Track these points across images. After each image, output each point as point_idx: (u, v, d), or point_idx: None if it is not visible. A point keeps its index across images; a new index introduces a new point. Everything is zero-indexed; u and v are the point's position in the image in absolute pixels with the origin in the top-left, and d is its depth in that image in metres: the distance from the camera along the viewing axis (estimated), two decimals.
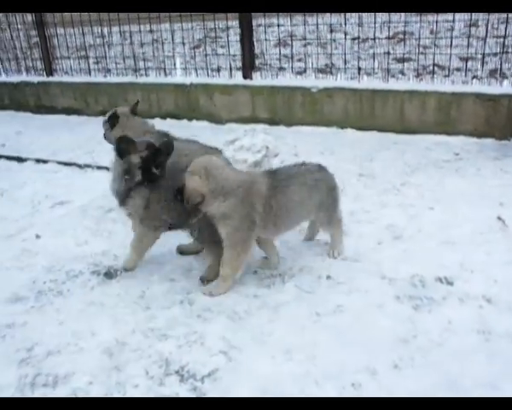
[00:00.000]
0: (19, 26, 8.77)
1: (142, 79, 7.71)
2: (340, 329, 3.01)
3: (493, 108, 5.78)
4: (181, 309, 3.30)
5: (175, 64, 7.70)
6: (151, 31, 7.84)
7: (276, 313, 3.20)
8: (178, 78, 7.57)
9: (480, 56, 6.21)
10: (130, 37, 7.90)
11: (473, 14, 6.08)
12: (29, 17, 8.49)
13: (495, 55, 6.46)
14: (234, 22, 7.38)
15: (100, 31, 8.21)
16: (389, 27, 6.45)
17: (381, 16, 6.47)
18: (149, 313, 3.30)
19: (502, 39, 5.91)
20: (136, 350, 2.97)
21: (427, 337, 2.91)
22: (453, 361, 2.73)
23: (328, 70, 6.97)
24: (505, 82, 5.99)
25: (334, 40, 6.94)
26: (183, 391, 2.66)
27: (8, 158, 6.41)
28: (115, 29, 8.20)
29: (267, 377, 2.70)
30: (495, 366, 2.69)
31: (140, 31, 7.83)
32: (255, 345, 2.95)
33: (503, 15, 5.90)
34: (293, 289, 3.42)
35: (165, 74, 7.65)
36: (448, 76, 6.23)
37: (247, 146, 4.62)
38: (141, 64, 7.90)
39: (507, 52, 6.06)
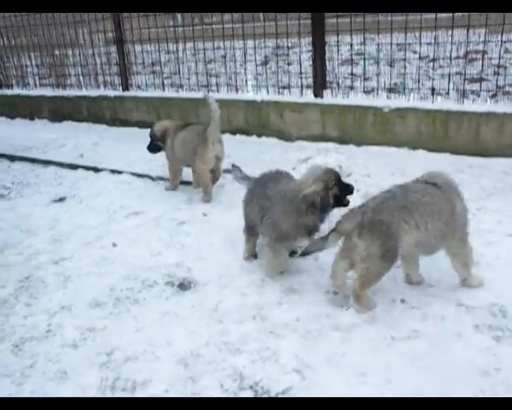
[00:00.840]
0: (100, 43, 9.21)
1: (213, 95, 7.88)
2: (415, 355, 2.96)
3: None
4: (253, 324, 3.34)
5: (246, 81, 7.83)
6: (224, 48, 8.01)
7: (349, 335, 3.18)
8: (249, 94, 7.70)
9: None
10: (204, 53, 8.11)
11: None
12: (110, 34, 8.89)
13: None
14: (305, 39, 7.45)
15: (175, 47, 8.47)
16: (459, 47, 6.29)
17: (458, 36, 6.34)
18: (222, 326, 3.36)
19: None
20: (211, 363, 3.03)
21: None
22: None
23: (398, 90, 6.89)
24: None
25: (405, 59, 6.86)
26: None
27: (86, 168, 6.71)
28: (189, 45, 8.45)
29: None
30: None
31: (214, 48, 8.01)
32: (329, 365, 2.95)
33: None
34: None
35: (236, 91, 7.80)
36: None
37: (320, 165, 4.63)
38: (212, 80, 8.09)
39: None
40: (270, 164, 5.88)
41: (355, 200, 4.45)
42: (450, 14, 6.05)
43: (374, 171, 5.44)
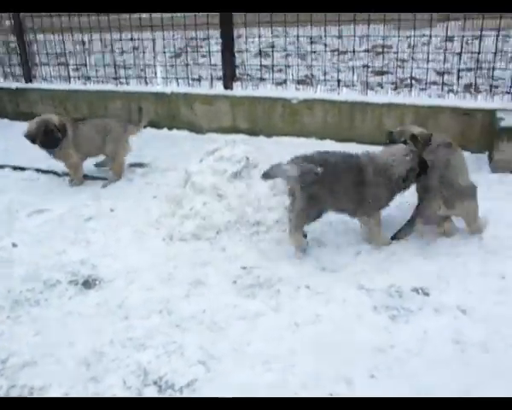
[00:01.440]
0: None
1: (122, 88, 7.67)
2: (318, 338, 3.05)
3: (468, 122, 5.89)
4: (160, 319, 3.31)
5: (156, 73, 7.69)
6: (132, 39, 7.80)
7: (256, 323, 3.22)
8: (159, 86, 7.56)
9: (455, 71, 6.35)
10: (112, 44, 7.86)
11: (448, 30, 6.22)
12: (7, 22, 8.40)
13: (469, 70, 6.61)
14: (215, 32, 7.42)
15: (80, 38, 8.16)
16: (368, 40, 6.54)
17: (362, 29, 6.56)
18: (127, 322, 3.29)
19: (476, 55, 6.03)
20: (114, 360, 2.96)
21: (404, 347, 2.96)
22: (429, 371, 2.78)
23: (307, 81, 7.04)
24: (479, 96, 6.12)
25: (314, 52, 7.01)
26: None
27: None
28: (96, 36, 8.15)
29: (245, 388, 2.71)
30: (469, 376, 2.75)
31: (121, 39, 7.80)
32: (234, 355, 2.97)
33: (477, 32, 6.03)
34: (273, 299, 3.44)
35: (146, 83, 7.64)
36: (425, 89, 6.34)
37: (227, 156, 4.63)
38: (121, 72, 7.87)
39: (481, 68, 6.21)
40: (182, 156, 5.87)
41: (263, 189, 4.54)
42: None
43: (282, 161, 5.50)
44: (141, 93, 7.39)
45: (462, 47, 6.10)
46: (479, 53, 5.98)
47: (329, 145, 6.33)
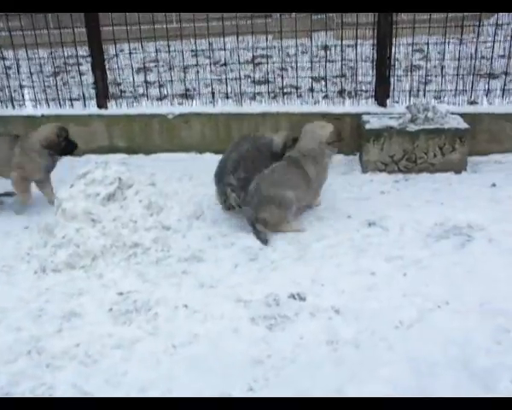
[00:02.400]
0: None
1: None
2: (196, 359, 3.00)
3: (339, 126, 6.17)
4: (28, 361, 3.08)
5: (23, 95, 7.26)
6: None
7: (132, 351, 3.11)
8: (28, 109, 7.16)
9: (329, 78, 6.68)
10: None
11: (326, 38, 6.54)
12: None
13: (343, 76, 6.95)
14: (84, 50, 7.19)
15: None
16: (244, 52, 6.68)
17: (245, 42, 6.69)
18: None
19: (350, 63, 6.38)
20: None
21: (281, 355, 3.00)
22: (304, 375, 2.84)
23: (185, 96, 7.01)
24: (347, 102, 6.44)
25: (196, 65, 7.02)
26: None
27: None
28: None
29: None
30: (341, 373, 2.84)
31: None
32: (109, 388, 2.84)
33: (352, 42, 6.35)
34: (150, 323, 3.35)
35: (13, 106, 7.20)
36: (300, 96, 6.58)
37: (98, 179, 4.45)
38: None
39: (349, 75, 6.57)
40: (56, 182, 5.55)
41: (138, 210, 4.43)
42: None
43: (160, 178, 5.42)
44: (7, 117, 6.95)
45: (326, 55, 6.40)
46: (346, 60, 6.31)
47: (209, 158, 6.35)
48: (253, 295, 3.55)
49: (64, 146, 5.19)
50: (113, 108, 6.80)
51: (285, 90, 6.64)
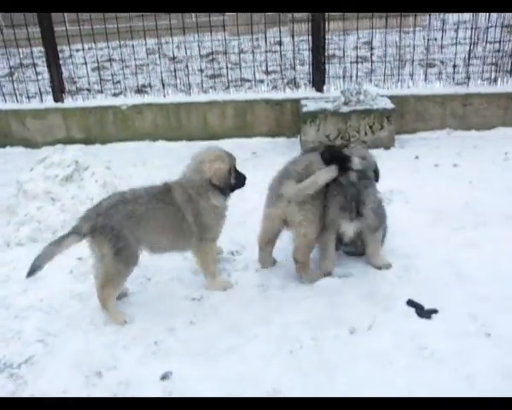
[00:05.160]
0: None
1: None
2: (146, 302, 3.50)
3: (281, 111, 6.75)
4: None
5: None
6: None
7: (90, 302, 3.56)
8: None
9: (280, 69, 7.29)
10: None
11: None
12: None
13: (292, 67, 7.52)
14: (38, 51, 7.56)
15: None
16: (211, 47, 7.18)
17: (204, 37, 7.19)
18: None
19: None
20: None
21: (217, 296, 3.52)
22: (236, 309, 3.37)
23: (141, 90, 7.47)
24: (287, 89, 7.03)
25: (151, 63, 7.50)
26: (1, 380, 2.92)
27: None
28: None
29: (80, 353, 3.07)
30: (268, 306, 3.38)
31: None
32: (70, 331, 3.30)
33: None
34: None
35: None
36: (255, 86, 7.14)
37: (56, 162, 4.87)
38: None
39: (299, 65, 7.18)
40: (15, 172, 5.91)
41: (94, 189, 4.88)
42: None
43: (116, 164, 5.85)
44: None
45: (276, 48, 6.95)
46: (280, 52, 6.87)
47: (161, 145, 6.82)
48: None
49: None
50: (69, 102, 7.20)
51: (235, 84, 7.19)
